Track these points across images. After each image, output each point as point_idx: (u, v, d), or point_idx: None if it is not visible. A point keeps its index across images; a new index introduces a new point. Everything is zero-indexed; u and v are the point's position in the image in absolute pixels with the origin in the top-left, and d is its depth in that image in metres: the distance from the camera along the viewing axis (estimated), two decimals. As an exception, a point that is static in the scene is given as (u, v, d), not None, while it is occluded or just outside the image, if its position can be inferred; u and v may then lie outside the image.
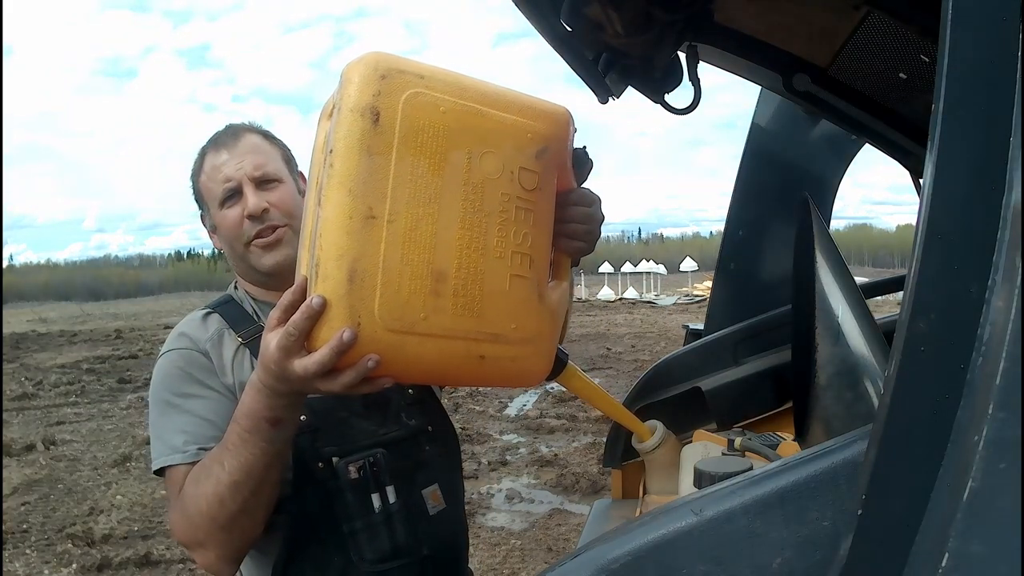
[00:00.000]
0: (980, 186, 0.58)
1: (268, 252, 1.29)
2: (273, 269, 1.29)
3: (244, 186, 1.28)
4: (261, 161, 1.31)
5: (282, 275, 1.25)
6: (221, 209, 1.30)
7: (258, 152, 1.31)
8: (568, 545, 4.53)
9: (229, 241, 1.32)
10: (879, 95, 1.53)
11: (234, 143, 1.32)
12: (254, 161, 1.29)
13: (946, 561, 0.52)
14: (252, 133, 1.35)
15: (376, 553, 1.22)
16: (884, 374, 0.80)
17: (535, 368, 1.03)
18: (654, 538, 0.69)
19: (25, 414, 9.38)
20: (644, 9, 1.26)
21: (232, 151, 1.31)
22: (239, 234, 1.29)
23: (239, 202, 1.28)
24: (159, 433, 1.21)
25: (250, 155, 1.30)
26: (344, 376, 0.90)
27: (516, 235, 0.97)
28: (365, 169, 0.88)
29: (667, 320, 19.14)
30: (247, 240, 1.29)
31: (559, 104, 1.03)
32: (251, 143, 1.33)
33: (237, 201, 1.29)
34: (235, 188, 1.29)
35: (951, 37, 0.60)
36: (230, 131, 1.35)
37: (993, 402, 0.53)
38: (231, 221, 1.29)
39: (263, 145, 1.34)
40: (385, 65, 0.91)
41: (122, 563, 4.55)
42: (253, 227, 1.28)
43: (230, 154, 1.30)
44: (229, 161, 1.30)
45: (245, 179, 1.28)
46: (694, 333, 2.47)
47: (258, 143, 1.33)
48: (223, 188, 1.29)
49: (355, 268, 0.87)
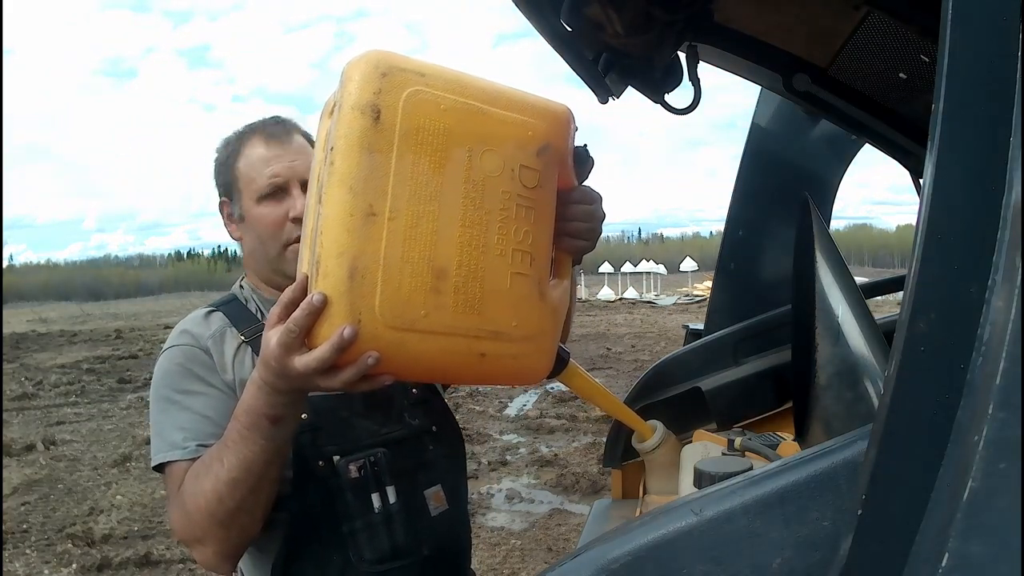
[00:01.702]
0: (980, 186, 0.58)
1: None
2: None
3: (292, 186, 1.25)
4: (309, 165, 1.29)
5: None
6: (260, 203, 1.26)
7: (307, 155, 1.26)
8: (568, 545, 4.53)
9: (263, 238, 1.28)
10: (879, 95, 1.53)
11: (287, 139, 1.28)
12: (306, 163, 1.23)
13: (946, 561, 0.52)
14: (300, 134, 1.32)
15: (375, 553, 1.22)
16: (884, 374, 0.80)
17: (536, 366, 1.03)
18: (654, 538, 0.69)
19: (25, 414, 9.38)
20: (644, 9, 1.26)
21: (286, 147, 1.27)
22: (278, 234, 1.26)
23: (283, 201, 1.25)
24: (159, 429, 1.21)
25: (302, 156, 1.27)
26: (344, 373, 0.90)
27: (517, 233, 0.97)
28: (366, 167, 0.88)
29: (667, 320, 19.15)
30: (286, 242, 1.25)
31: (560, 102, 1.03)
32: (301, 144, 1.30)
33: (281, 200, 1.25)
34: (282, 185, 1.25)
35: (951, 37, 0.59)
36: (282, 126, 1.31)
37: (993, 402, 0.53)
38: (272, 219, 1.25)
39: (308, 150, 1.29)
40: (386, 63, 0.91)
41: (122, 563, 4.55)
42: (295, 230, 1.23)
43: (283, 149, 1.27)
44: (282, 156, 1.26)
45: (295, 180, 1.25)
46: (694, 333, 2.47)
47: (306, 147, 1.30)
48: (269, 182, 1.25)
49: (356, 265, 0.88)
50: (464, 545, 1.42)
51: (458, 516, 1.38)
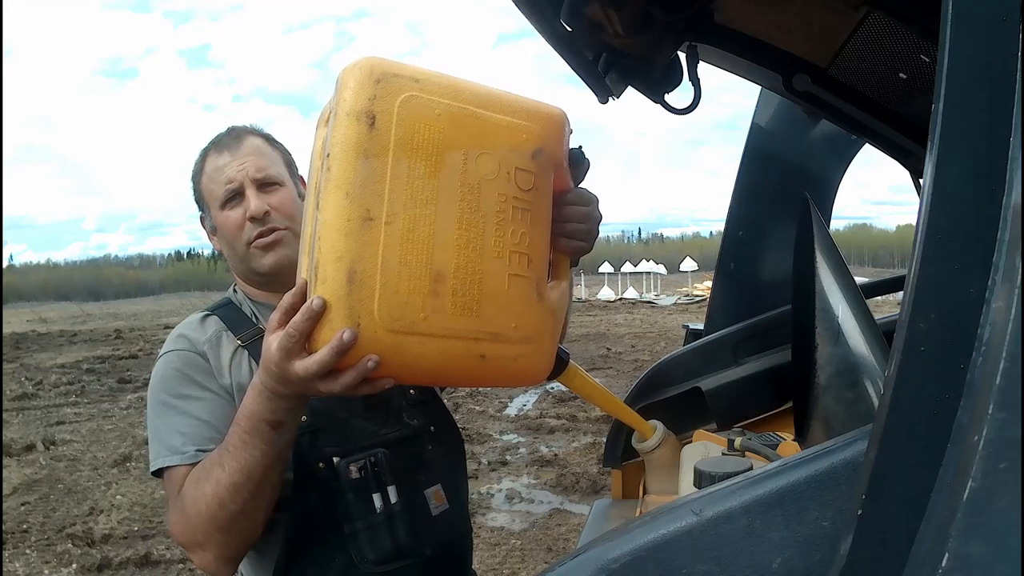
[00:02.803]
0: (980, 186, 0.58)
1: (268, 252, 1.29)
2: (273, 269, 1.29)
3: (246, 188, 1.29)
4: (263, 164, 1.31)
5: (282, 276, 1.26)
6: (223, 210, 1.31)
7: (260, 155, 1.32)
8: (568, 545, 4.53)
9: (230, 242, 1.32)
10: (879, 95, 1.53)
11: (236, 145, 1.33)
12: (256, 163, 1.30)
13: (946, 561, 0.52)
14: (254, 136, 1.36)
15: (378, 553, 1.22)
16: (884, 374, 0.80)
17: (536, 367, 1.03)
18: (654, 538, 0.69)
19: (25, 414, 9.37)
20: (644, 9, 1.26)
21: (234, 153, 1.31)
22: (240, 235, 1.30)
23: (241, 204, 1.29)
24: (157, 434, 1.21)
25: (252, 157, 1.31)
26: (344, 377, 0.91)
27: (514, 235, 0.97)
28: (362, 172, 0.89)
29: (667, 320, 19.15)
30: (248, 241, 1.29)
31: (554, 105, 1.03)
32: (253, 145, 1.33)
33: (239, 203, 1.29)
34: (237, 189, 1.29)
35: (951, 37, 0.59)
36: (232, 133, 1.36)
37: (993, 402, 0.53)
38: (232, 222, 1.30)
39: (265, 148, 1.34)
40: (380, 69, 0.92)
41: (122, 563, 4.55)
42: (254, 229, 1.28)
43: (232, 156, 1.31)
44: (231, 163, 1.30)
45: (247, 181, 1.29)
46: (694, 333, 2.47)
47: (260, 146, 1.34)
48: (225, 189, 1.30)
49: (354, 269, 0.88)
50: (466, 544, 1.42)
51: (459, 516, 1.38)
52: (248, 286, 1.37)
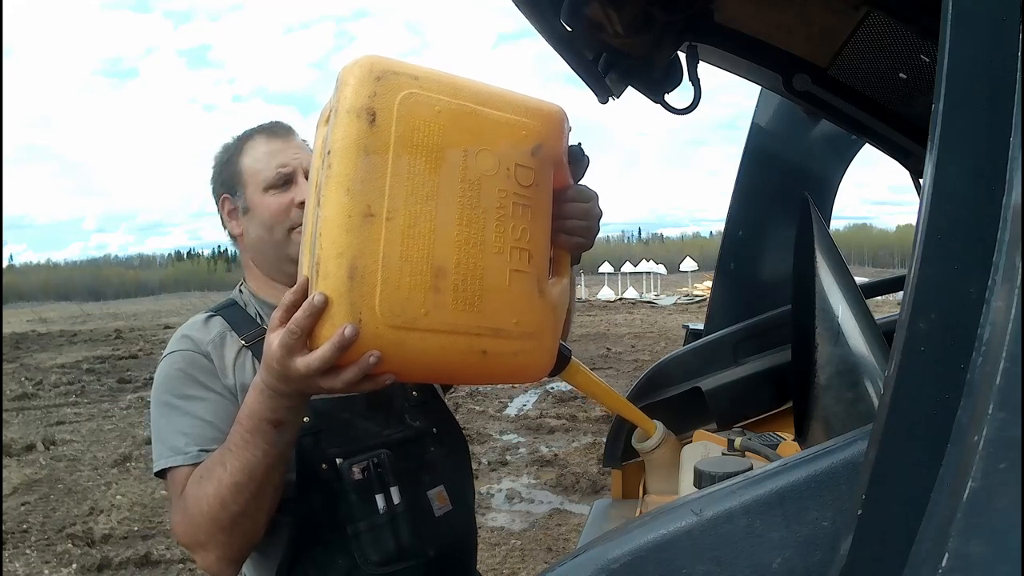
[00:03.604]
0: (980, 186, 0.58)
1: None
2: None
3: (298, 175, 1.32)
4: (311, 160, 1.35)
5: None
6: (265, 193, 1.32)
7: (308, 152, 1.36)
8: (568, 545, 4.53)
9: (269, 225, 1.32)
10: (879, 95, 1.53)
11: (288, 135, 1.38)
12: (307, 158, 1.33)
13: (946, 561, 0.52)
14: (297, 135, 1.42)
15: (381, 554, 1.21)
16: (884, 374, 0.80)
17: (538, 363, 1.03)
18: (654, 538, 0.69)
19: (25, 414, 9.37)
20: (644, 9, 1.26)
21: (287, 142, 1.36)
22: (285, 220, 1.31)
23: (289, 190, 1.31)
24: (160, 435, 1.21)
25: (304, 151, 1.36)
26: (346, 373, 0.91)
27: (514, 230, 0.98)
28: (363, 169, 0.89)
29: (667, 320, 19.15)
30: (292, 226, 1.30)
31: (553, 102, 1.04)
32: (301, 142, 1.39)
33: (288, 189, 1.32)
34: (290, 175, 1.32)
35: (951, 37, 0.60)
36: (282, 125, 1.40)
37: (993, 402, 0.53)
38: (279, 206, 1.31)
39: (306, 148, 1.39)
40: (380, 67, 0.92)
41: (122, 563, 4.55)
42: (300, 215, 1.28)
43: (285, 143, 1.35)
44: (286, 149, 1.34)
45: (300, 170, 1.32)
46: (694, 333, 2.47)
47: (303, 145, 1.39)
48: (277, 173, 1.31)
49: (355, 265, 0.88)
50: (470, 545, 1.42)
51: (463, 517, 1.37)
52: (260, 284, 1.36)
